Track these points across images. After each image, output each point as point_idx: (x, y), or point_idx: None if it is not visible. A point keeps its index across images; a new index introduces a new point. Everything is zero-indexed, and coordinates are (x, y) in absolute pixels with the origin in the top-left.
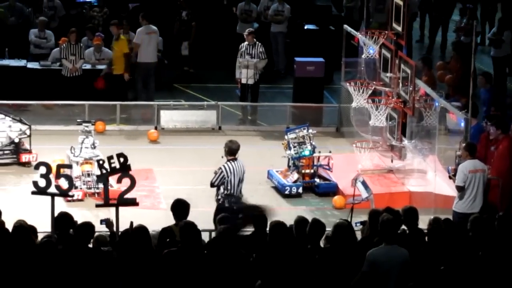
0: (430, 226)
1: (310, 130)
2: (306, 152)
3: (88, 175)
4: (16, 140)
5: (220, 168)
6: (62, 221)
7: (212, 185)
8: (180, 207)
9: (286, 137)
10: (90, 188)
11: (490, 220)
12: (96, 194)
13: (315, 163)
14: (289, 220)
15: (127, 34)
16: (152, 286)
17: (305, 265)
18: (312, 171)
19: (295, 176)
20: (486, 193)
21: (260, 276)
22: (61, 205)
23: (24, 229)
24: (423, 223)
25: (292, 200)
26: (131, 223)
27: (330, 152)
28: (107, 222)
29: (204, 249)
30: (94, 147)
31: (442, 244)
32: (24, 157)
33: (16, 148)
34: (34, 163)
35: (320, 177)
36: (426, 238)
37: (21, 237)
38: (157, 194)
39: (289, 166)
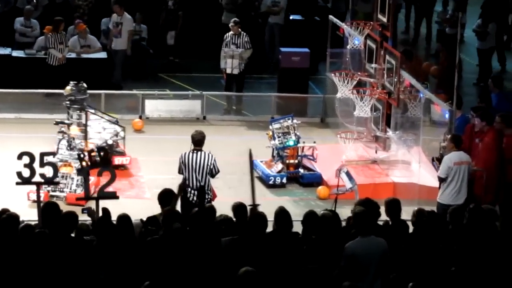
0: (414, 217)
1: (295, 121)
2: (291, 143)
3: (62, 177)
4: (110, 142)
5: (180, 156)
6: (48, 210)
7: (178, 172)
8: (167, 197)
9: (270, 127)
10: (54, 191)
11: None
12: (55, 198)
13: (299, 153)
14: (273, 210)
15: (120, 15)
16: (134, 274)
17: (287, 256)
18: (296, 161)
19: (280, 166)
20: (471, 185)
21: (242, 264)
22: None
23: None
24: (407, 214)
25: (276, 191)
26: (103, 209)
27: (314, 142)
28: (89, 211)
29: (187, 236)
30: (71, 149)
31: (426, 235)
32: (117, 160)
33: (110, 150)
34: (128, 166)
35: (305, 167)
36: (410, 229)
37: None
38: (142, 184)
39: (273, 157)
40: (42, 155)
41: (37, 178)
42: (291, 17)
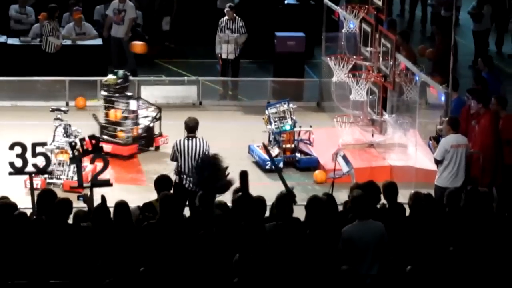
0: (411, 200)
1: (291, 105)
2: (287, 127)
3: (59, 164)
4: (151, 125)
5: (174, 143)
6: (45, 197)
7: (171, 159)
8: (163, 182)
9: (267, 112)
10: (51, 178)
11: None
12: (52, 185)
13: (296, 137)
14: (270, 195)
15: (123, 3)
16: (131, 260)
17: (286, 242)
18: (293, 146)
19: (276, 151)
20: (468, 167)
21: (239, 250)
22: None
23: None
24: (404, 197)
25: (273, 175)
26: (102, 196)
27: (310, 126)
28: (85, 198)
29: (185, 221)
30: (67, 136)
31: (423, 218)
32: (161, 141)
33: (150, 133)
34: (165, 146)
35: (301, 152)
36: (407, 212)
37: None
38: (138, 170)
39: (270, 141)
40: (34, 145)
41: (29, 168)
42: (286, 2)
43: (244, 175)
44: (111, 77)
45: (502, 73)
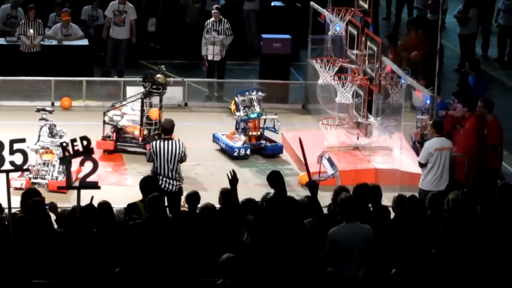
0: (394, 203)
1: (259, 93)
2: (254, 115)
3: (44, 164)
4: None
5: (150, 145)
6: (29, 197)
7: (147, 160)
8: (148, 184)
9: (236, 99)
10: (36, 178)
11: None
12: (36, 185)
13: (261, 125)
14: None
15: (123, 4)
16: (116, 259)
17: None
18: (259, 133)
19: (243, 138)
20: (452, 170)
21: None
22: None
23: None
24: (389, 200)
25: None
26: (92, 197)
27: (275, 114)
28: (51, 206)
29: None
30: (52, 136)
31: (406, 221)
32: None
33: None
34: None
35: (266, 139)
36: (391, 215)
37: None
38: (123, 171)
39: (237, 129)
40: (12, 142)
41: (6, 166)
42: (272, 4)
43: (278, 175)
44: (160, 76)
45: (488, 76)
